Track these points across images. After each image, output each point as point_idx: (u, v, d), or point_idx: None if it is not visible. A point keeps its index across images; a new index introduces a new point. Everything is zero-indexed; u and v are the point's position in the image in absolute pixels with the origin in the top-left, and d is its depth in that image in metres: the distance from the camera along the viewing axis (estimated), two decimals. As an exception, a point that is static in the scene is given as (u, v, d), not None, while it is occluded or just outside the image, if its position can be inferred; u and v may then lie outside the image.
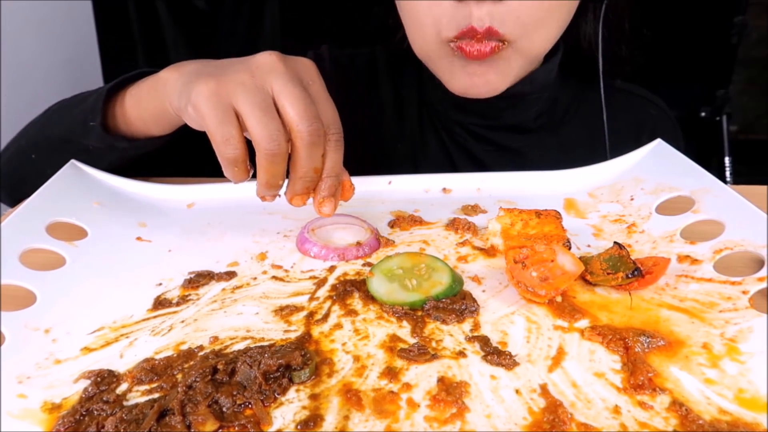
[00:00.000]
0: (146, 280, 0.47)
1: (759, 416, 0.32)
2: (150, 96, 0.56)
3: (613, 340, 0.38)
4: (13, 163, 0.67)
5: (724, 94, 1.69)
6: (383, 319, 0.42)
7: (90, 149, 0.59)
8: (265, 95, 0.44)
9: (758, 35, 2.24)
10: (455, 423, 0.33)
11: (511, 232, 0.49)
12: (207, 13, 1.48)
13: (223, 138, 0.44)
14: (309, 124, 0.44)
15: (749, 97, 2.42)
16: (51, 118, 0.65)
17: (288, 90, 0.44)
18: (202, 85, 0.45)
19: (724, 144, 1.68)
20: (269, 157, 0.44)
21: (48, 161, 0.61)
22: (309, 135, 0.44)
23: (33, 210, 0.51)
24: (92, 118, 0.58)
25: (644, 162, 0.61)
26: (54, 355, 0.39)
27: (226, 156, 0.45)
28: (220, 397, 0.34)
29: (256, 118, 0.43)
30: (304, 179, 0.46)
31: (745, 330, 0.39)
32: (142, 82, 0.58)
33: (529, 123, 0.73)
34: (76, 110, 0.60)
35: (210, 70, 0.47)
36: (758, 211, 0.47)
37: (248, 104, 0.43)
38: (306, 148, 0.44)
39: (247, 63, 0.46)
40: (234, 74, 0.45)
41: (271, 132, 0.43)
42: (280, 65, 0.46)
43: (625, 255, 0.45)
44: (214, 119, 0.44)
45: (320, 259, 0.50)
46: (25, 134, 0.67)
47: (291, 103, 0.44)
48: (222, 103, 0.44)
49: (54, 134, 0.62)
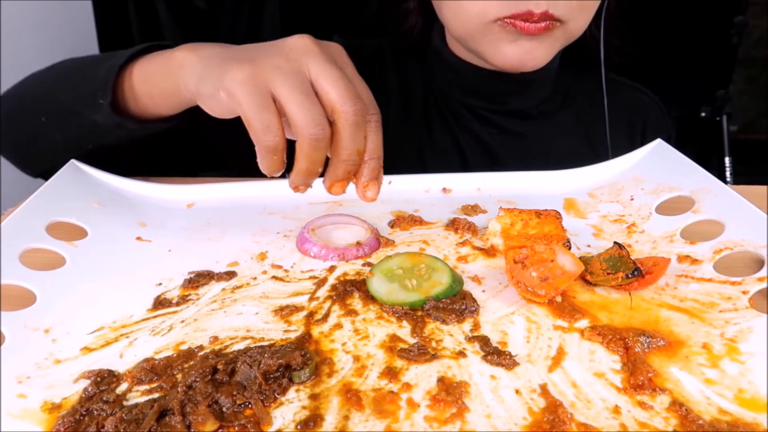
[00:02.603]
0: (146, 280, 0.47)
1: (759, 416, 0.32)
2: (162, 74, 0.54)
3: (613, 340, 0.38)
4: (18, 121, 0.64)
5: (724, 94, 1.69)
6: (383, 319, 0.42)
7: (98, 123, 0.57)
8: (303, 78, 0.43)
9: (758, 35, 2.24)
10: (455, 423, 0.33)
11: (511, 232, 0.49)
12: (207, 12, 1.48)
13: (262, 125, 0.42)
14: (353, 104, 0.42)
15: (749, 97, 2.42)
16: (57, 82, 0.62)
17: (326, 71, 0.43)
18: (236, 71, 0.43)
19: (724, 144, 1.68)
20: (313, 142, 0.42)
21: (57, 129, 0.59)
22: (354, 115, 0.42)
23: (33, 210, 0.51)
24: (102, 96, 0.55)
25: (644, 162, 0.61)
26: (54, 355, 0.39)
27: (266, 144, 0.42)
28: (220, 397, 0.34)
29: (297, 103, 0.42)
30: (347, 162, 0.44)
31: (745, 330, 0.39)
32: (153, 58, 0.55)
33: (531, 109, 0.76)
34: (84, 80, 0.58)
35: (239, 54, 0.45)
36: (758, 211, 0.47)
37: (287, 88, 0.42)
38: (350, 129, 0.43)
39: (280, 47, 0.45)
40: (268, 58, 0.43)
41: (314, 116, 0.42)
42: (315, 47, 0.44)
43: (625, 255, 0.45)
44: (253, 105, 0.42)
45: (320, 259, 0.50)
46: (29, 92, 0.64)
47: (332, 84, 0.42)
48: (259, 88, 0.42)
49: (62, 102, 0.59)
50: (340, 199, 0.60)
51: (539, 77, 0.72)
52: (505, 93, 0.74)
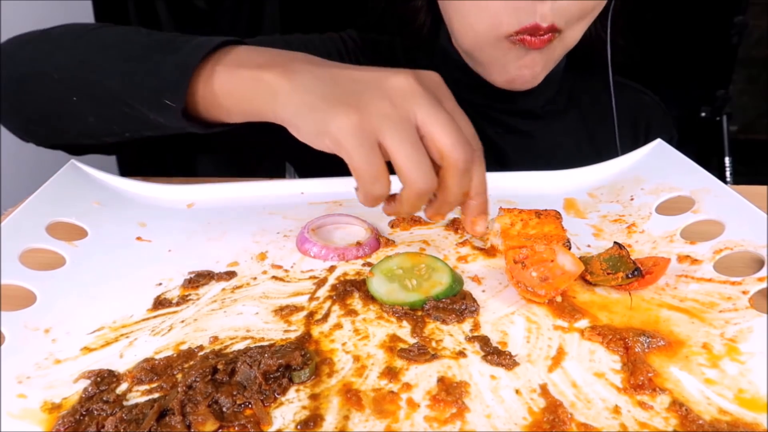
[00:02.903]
0: (146, 280, 0.47)
1: (759, 416, 0.32)
2: (248, 96, 0.48)
3: (613, 340, 0.38)
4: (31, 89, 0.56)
5: (724, 94, 1.69)
6: (383, 319, 0.42)
7: (150, 120, 0.52)
8: (411, 128, 0.41)
9: (758, 35, 2.24)
10: (455, 423, 0.33)
11: (511, 232, 0.49)
12: (207, 12, 1.48)
13: (372, 176, 0.41)
14: (463, 152, 0.41)
15: (749, 97, 2.43)
16: (96, 60, 0.54)
17: (434, 116, 0.41)
18: (342, 118, 0.41)
19: (724, 144, 1.68)
20: (419, 195, 0.42)
21: (92, 112, 0.54)
22: (464, 163, 0.41)
23: (33, 210, 0.51)
24: (171, 98, 0.49)
25: (644, 162, 0.61)
26: (54, 355, 0.39)
27: (374, 194, 0.42)
28: (220, 397, 0.34)
29: (407, 156, 0.40)
30: (452, 204, 0.44)
31: (745, 330, 0.39)
32: (236, 74, 0.48)
33: (537, 109, 0.77)
34: (145, 74, 0.51)
35: (340, 93, 0.43)
36: (758, 211, 0.47)
37: (396, 140, 0.40)
38: (458, 176, 0.42)
39: (384, 88, 0.42)
40: (373, 103, 0.41)
41: (425, 171, 0.41)
42: (419, 88, 0.42)
43: (625, 255, 0.45)
44: (363, 157, 0.41)
45: (320, 259, 0.50)
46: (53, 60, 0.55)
47: (440, 130, 0.41)
48: (368, 140, 0.41)
49: (105, 86, 0.52)
50: (340, 199, 0.60)
51: (547, 77, 0.72)
52: (513, 93, 0.74)
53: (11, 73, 0.57)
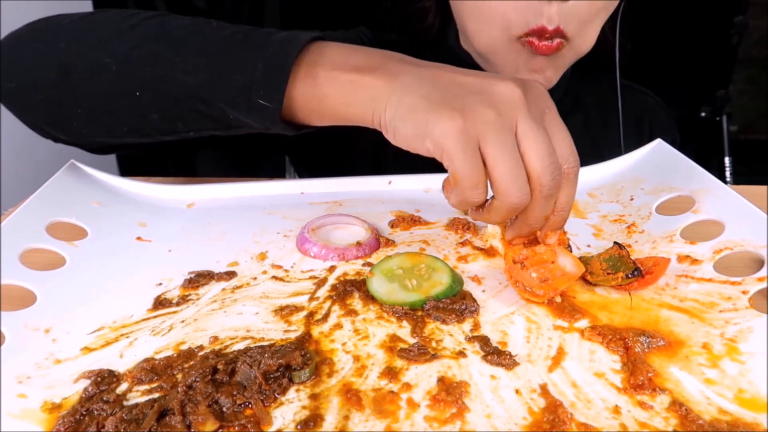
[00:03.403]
0: (146, 280, 0.47)
1: (759, 416, 0.32)
2: (345, 100, 0.46)
3: (613, 340, 0.38)
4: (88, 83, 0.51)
5: (724, 94, 1.69)
6: (383, 319, 0.42)
7: (228, 119, 0.49)
8: (513, 140, 0.40)
9: (758, 35, 2.24)
10: (455, 423, 0.33)
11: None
12: (207, 13, 1.48)
13: (472, 183, 0.40)
14: (552, 178, 0.40)
15: (749, 97, 2.43)
16: (167, 55, 0.50)
17: (533, 133, 0.40)
18: (447, 122, 0.40)
19: (724, 144, 1.68)
20: (512, 209, 0.41)
21: (158, 109, 0.51)
22: (549, 189, 0.41)
23: (33, 210, 0.51)
24: (266, 97, 0.46)
25: (644, 162, 0.61)
26: (54, 355, 0.39)
27: (472, 200, 0.41)
28: (220, 397, 0.34)
29: (507, 169, 0.40)
30: (532, 227, 0.43)
31: (745, 330, 0.39)
32: (334, 76, 0.46)
33: None
34: (225, 67, 0.48)
35: (444, 96, 0.42)
36: (758, 211, 0.47)
37: (498, 151, 0.40)
38: (542, 200, 0.41)
39: (490, 95, 0.41)
40: (478, 109, 0.40)
41: (520, 186, 0.40)
42: (523, 100, 0.41)
43: (625, 255, 0.45)
44: (465, 164, 0.40)
45: (320, 259, 0.50)
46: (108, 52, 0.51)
47: (536, 150, 0.40)
48: (471, 146, 0.40)
49: (179, 82, 0.49)
50: (340, 200, 0.60)
51: None
52: None
53: (47, 64, 0.52)
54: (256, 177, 0.64)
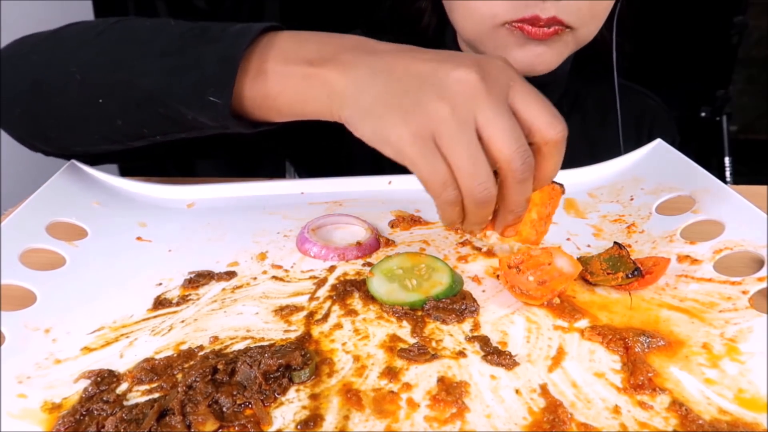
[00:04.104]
0: (146, 280, 0.47)
1: (759, 416, 0.32)
2: (302, 96, 0.46)
3: (613, 340, 0.38)
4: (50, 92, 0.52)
5: (724, 94, 1.69)
6: (383, 319, 0.42)
7: (187, 120, 0.49)
8: (470, 133, 0.39)
9: (758, 35, 2.24)
10: (455, 423, 0.33)
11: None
12: (207, 13, 1.48)
13: (439, 182, 0.39)
14: (522, 162, 0.39)
15: (749, 97, 2.43)
16: (125, 57, 0.50)
17: (494, 120, 0.39)
18: (401, 129, 0.39)
19: (724, 144, 1.68)
20: (479, 204, 0.40)
21: (122, 115, 0.51)
22: (522, 173, 0.39)
23: (33, 210, 0.51)
24: (216, 93, 0.45)
25: (644, 162, 0.61)
26: (54, 355, 0.39)
27: (447, 200, 0.40)
28: (220, 397, 0.34)
29: (465, 164, 0.39)
30: (515, 212, 0.42)
31: (745, 330, 0.39)
32: (288, 71, 0.45)
33: None
34: (176, 64, 0.47)
35: (396, 93, 0.41)
36: (758, 211, 0.47)
37: (455, 148, 0.39)
38: (518, 185, 0.40)
39: (443, 86, 0.40)
40: (432, 106, 0.39)
41: (482, 180, 0.39)
42: (482, 88, 0.39)
43: (625, 255, 0.45)
44: (427, 166, 0.39)
45: (320, 259, 0.50)
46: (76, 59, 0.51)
47: (500, 137, 0.39)
48: (428, 147, 0.39)
49: (137, 85, 0.49)
50: (340, 200, 0.60)
51: (552, 80, 0.71)
52: None
53: (22, 78, 0.53)
54: (256, 177, 0.64)
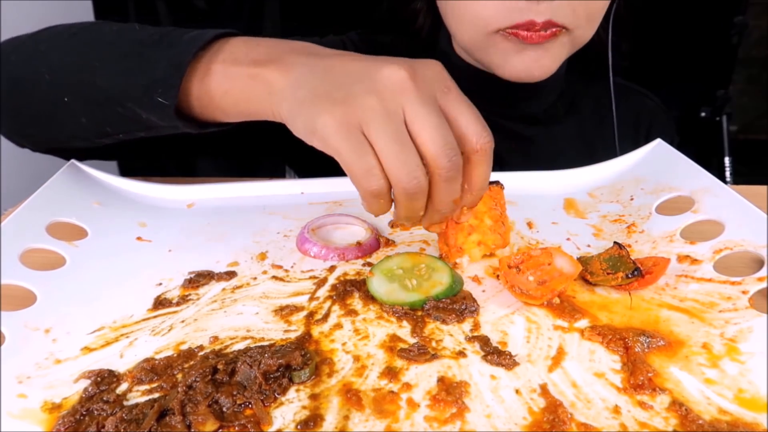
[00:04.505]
0: (146, 280, 0.47)
1: (759, 416, 0.32)
2: (245, 95, 0.47)
3: (613, 340, 0.38)
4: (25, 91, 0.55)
5: (724, 94, 1.69)
6: (383, 319, 0.42)
7: (144, 118, 0.50)
8: (398, 123, 0.39)
9: (758, 35, 2.24)
10: (455, 423, 0.33)
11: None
12: (207, 13, 1.48)
13: (362, 170, 0.40)
14: (448, 160, 0.39)
15: (749, 97, 2.42)
16: (89, 58, 0.52)
17: (422, 117, 0.39)
18: (326, 116, 0.39)
19: (724, 144, 1.68)
20: (409, 195, 0.40)
21: (84, 113, 0.53)
22: (447, 171, 0.40)
23: (33, 210, 0.51)
24: (164, 95, 0.47)
25: (644, 162, 0.61)
26: (54, 355, 0.39)
27: (369, 189, 0.40)
28: (220, 397, 0.34)
29: (393, 154, 0.39)
30: (441, 212, 0.43)
31: (745, 330, 0.39)
32: (233, 71, 0.47)
33: (539, 114, 0.76)
34: (132, 66, 0.50)
35: (329, 88, 0.41)
36: (758, 211, 0.47)
37: (382, 137, 0.39)
38: (444, 184, 0.40)
39: (373, 81, 0.40)
40: (360, 98, 0.40)
41: (411, 169, 0.39)
42: (410, 84, 0.40)
43: (625, 255, 0.45)
44: (351, 153, 0.39)
45: (320, 259, 0.50)
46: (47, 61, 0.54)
47: (427, 133, 0.39)
48: (354, 135, 0.39)
49: (98, 85, 0.51)
50: (340, 200, 0.60)
51: (549, 83, 0.71)
52: (514, 98, 0.73)
53: (7, 77, 0.56)
54: (256, 177, 0.64)
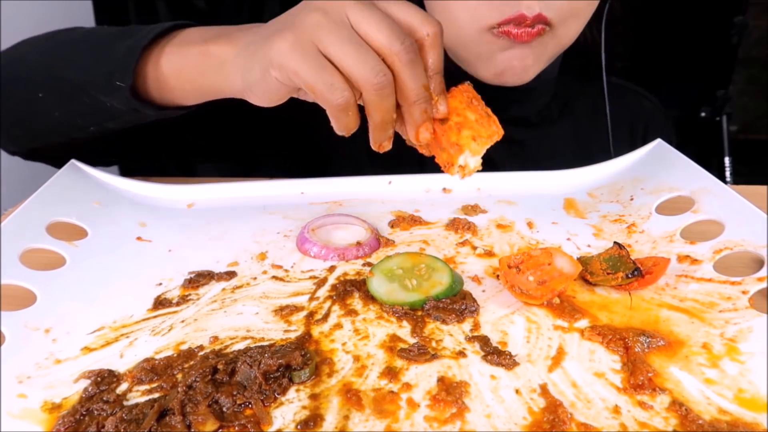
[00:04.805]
0: (146, 280, 0.47)
1: (759, 416, 0.32)
2: (198, 71, 0.50)
3: (613, 340, 0.38)
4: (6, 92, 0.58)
5: (724, 94, 1.69)
6: (383, 319, 0.42)
7: (108, 106, 0.53)
8: (347, 29, 0.40)
9: (758, 35, 2.24)
10: (455, 423, 0.33)
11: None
12: (207, 13, 1.48)
13: (326, 85, 0.40)
14: (401, 42, 0.40)
15: (749, 97, 2.42)
16: (62, 55, 0.56)
17: (367, 17, 0.40)
18: (279, 43, 0.41)
19: (724, 144, 1.68)
20: (378, 91, 0.40)
21: (57, 106, 0.55)
22: (407, 54, 0.40)
23: (33, 210, 0.51)
24: (120, 78, 0.50)
25: (644, 162, 0.61)
26: (54, 355, 0.39)
27: (336, 103, 0.40)
28: (220, 397, 0.34)
29: (351, 56, 0.40)
30: (418, 102, 0.42)
31: (745, 330, 0.39)
32: (185, 51, 0.50)
33: (532, 117, 0.75)
34: (98, 58, 0.53)
35: (275, 27, 0.43)
36: (758, 211, 0.47)
37: (336, 43, 0.40)
38: (407, 68, 0.40)
39: (312, 7, 0.42)
40: (305, 19, 0.41)
41: (372, 64, 0.39)
42: None
43: (625, 255, 0.45)
44: (310, 69, 0.40)
45: (320, 259, 0.50)
46: (24, 61, 0.58)
47: (375, 26, 0.40)
48: (309, 51, 0.40)
49: (67, 78, 0.54)
50: (340, 200, 0.60)
51: (539, 84, 0.70)
52: (505, 101, 0.72)
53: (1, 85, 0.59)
54: (256, 177, 0.64)
